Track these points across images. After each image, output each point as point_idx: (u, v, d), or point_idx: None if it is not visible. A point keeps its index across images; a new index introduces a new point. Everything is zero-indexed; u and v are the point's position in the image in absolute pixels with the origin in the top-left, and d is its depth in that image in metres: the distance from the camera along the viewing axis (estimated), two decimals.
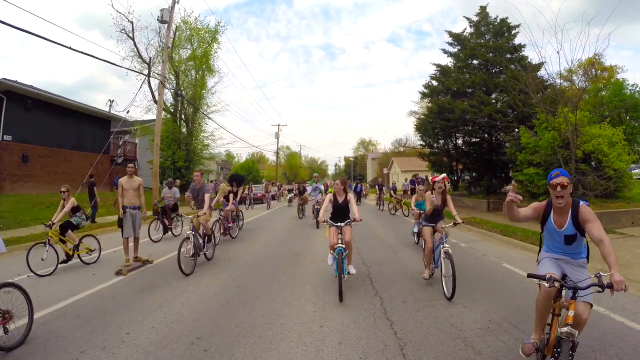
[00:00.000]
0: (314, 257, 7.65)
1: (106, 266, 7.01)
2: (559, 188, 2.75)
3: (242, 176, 13.44)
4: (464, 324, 4.01)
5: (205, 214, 7.08)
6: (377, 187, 22.33)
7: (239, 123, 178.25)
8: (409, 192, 20.32)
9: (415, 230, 9.02)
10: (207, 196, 7.37)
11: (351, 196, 5.84)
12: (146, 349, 3.51)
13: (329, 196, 5.89)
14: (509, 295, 5.00)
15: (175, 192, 11.05)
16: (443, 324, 4.03)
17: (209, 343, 3.62)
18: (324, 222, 5.58)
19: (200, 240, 6.97)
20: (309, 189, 14.70)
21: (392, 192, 21.24)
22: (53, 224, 6.72)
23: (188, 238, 6.41)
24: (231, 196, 10.64)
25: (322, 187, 13.75)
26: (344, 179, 6.03)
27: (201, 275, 6.36)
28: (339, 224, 5.45)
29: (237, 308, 4.65)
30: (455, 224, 5.44)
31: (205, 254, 7.24)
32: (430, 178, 6.03)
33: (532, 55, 32.66)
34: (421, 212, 7.53)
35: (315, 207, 12.87)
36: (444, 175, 5.94)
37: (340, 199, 5.80)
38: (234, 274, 6.45)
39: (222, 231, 9.88)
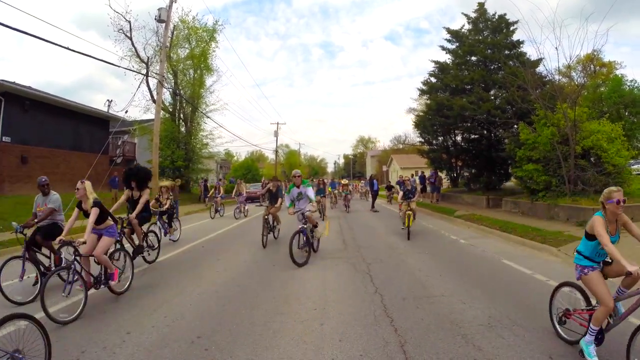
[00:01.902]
0: (314, 255, 7.65)
1: None
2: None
3: (146, 171, 7.57)
4: (464, 320, 4.02)
5: None
6: (399, 186, 15.45)
7: (238, 122, 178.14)
8: (418, 192, 14.96)
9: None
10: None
11: None
12: (147, 348, 3.51)
13: None
14: (509, 292, 5.01)
15: (55, 200, 5.88)
16: (443, 320, 4.04)
17: (209, 342, 3.62)
18: None
19: None
20: (286, 197, 8.06)
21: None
22: None
23: None
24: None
25: (311, 194, 7.60)
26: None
27: (201, 274, 6.36)
28: None
29: (237, 307, 4.65)
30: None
31: None
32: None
33: (530, 51, 32.63)
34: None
35: (300, 227, 7.11)
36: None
37: None
38: (234, 273, 6.46)
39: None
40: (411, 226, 9.68)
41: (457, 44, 20.06)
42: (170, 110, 25.94)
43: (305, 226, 7.21)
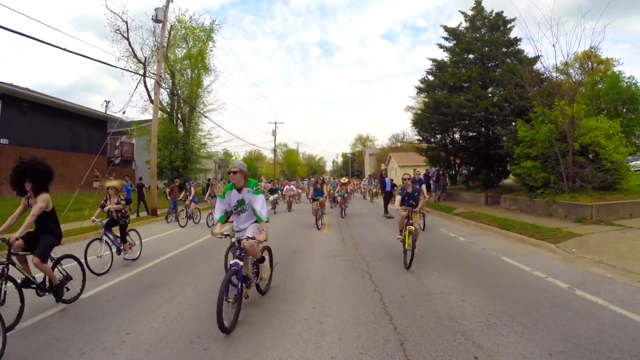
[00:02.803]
0: (313, 254, 7.65)
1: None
2: None
3: (45, 166, 4.74)
4: (464, 317, 4.02)
5: None
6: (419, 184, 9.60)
7: (236, 121, 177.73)
8: (424, 197, 11.35)
9: None
10: None
11: None
12: (146, 348, 3.51)
13: None
14: (508, 289, 5.01)
15: None
16: (443, 318, 4.04)
17: (208, 341, 3.62)
18: None
19: None
20: (217, 203, 4.83)
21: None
22: None
23: None
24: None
25: (259, 207, 4.49)
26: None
27: (200, 273, 6.35)
28: None
29: None
30: None
31: None
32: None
33: (528, 49, 32.50)
34: None
35: (233, 264, 4.07)
36: None
37: None
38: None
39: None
40: (411, 247, 6.13)
41: (455, 41, 20.06)
42: (168, 110, 25.86)
43: (241, 263, 4.11)
